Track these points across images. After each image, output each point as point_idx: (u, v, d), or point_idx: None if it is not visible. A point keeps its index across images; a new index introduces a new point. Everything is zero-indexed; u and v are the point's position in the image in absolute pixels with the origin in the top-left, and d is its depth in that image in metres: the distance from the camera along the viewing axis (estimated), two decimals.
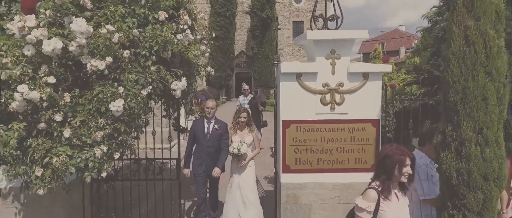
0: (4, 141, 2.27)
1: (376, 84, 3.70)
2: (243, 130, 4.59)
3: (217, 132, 4.58)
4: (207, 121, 4.59)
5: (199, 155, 4.60)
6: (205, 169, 4.57)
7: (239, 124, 4.57)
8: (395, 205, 2.39)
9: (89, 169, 2.44)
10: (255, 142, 4.66)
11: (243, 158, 4.42)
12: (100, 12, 2.79)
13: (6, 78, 2.26)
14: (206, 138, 4.55)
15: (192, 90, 4.41)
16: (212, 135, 4.56)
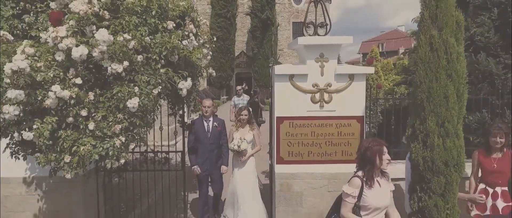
0: (40, 132, 2.70)
1: (360, 84, 4.13)
2: (245, 127, 4.86)
3: (217, 129, 4.84)
4: (205, 120, 4.83)
5: (202, 153, 4.81)
6: (207, 167, 4.81)
7: (241, 121, 4.84)
8: (377, 191, 2.77)
9: (109, 157, 2.87)
10: (256, 139, 4.90)
11: (243, 154, 4.73)
12: (116, 21, 3.22)
13: (40, 79, 2.69)
14: (207, 136, 4.79)
15: (195, 90, 4.83)
16: (213, 132, 4.81)
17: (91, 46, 2.87)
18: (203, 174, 4.85)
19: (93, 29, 3.06)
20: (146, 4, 3.31)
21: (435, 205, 2.91)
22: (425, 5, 2.91)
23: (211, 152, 4.81)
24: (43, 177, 4.09)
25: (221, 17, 26.51)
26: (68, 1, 3.14)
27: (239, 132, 4.84)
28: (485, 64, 4.98)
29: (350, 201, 2.74)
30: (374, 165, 2.74)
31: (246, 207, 4.72)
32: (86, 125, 2.84)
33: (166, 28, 3.43)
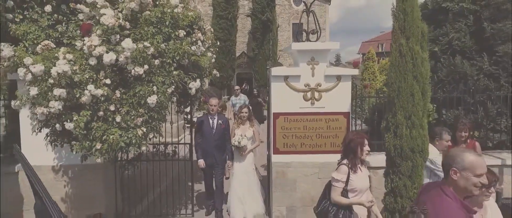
0: (77, 123, 3.28)
1: (347, 84, 4.71)
2: (245, 124, 5.29)
3: (221, 127, 5.20)
4: (211, 117, 5.20)
5: (207, 148, 5.17)
6: (211, 161, 5.19)
7: (241, 119, 5.28)
8: (360, 176, 3.32)
9: (132, 144, 3.46)
10: (256, 136, 5.35)
11: (243, 150, 5.19)
12: (136, 31, 3.80)
13: (77, 80, 3.27)
14: (212, 132, 5.15)
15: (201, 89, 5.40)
16: (217, 129, 5.17)
17: (117, 52, 3.46)
18: (207, 167, 5.25)
19: (117, 38, 3.64)
20: (160, 16, 3.88)
21: (404, 185, 3.49)
22: (395, 18, 3.49)
23: (215, 147, 5.17)
24: (69, 165, 4.69)
25: (222, 18, 27.03)
26: (94, 14, 3.73)
27: (240, 129, 5.25)
28: (461, 66, 5.55)
29: (339, 185, 3.24)
30: (356, 154, 3.25)
31: (245, 197, 5.20)
32: (114, 118, 3.43)
33: (178, 36, 4.01)
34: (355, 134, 3.38)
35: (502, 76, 5.30)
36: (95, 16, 3.73)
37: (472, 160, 1.92)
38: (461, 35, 5.67)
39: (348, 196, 3.24)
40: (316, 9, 33.03)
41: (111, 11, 3.56)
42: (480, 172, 1.89)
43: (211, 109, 5.20)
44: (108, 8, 3.61)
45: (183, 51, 3.91)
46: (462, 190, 1.94)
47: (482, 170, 1.90)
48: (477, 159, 1.94)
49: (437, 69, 5.86)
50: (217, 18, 27.18)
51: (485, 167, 1.94)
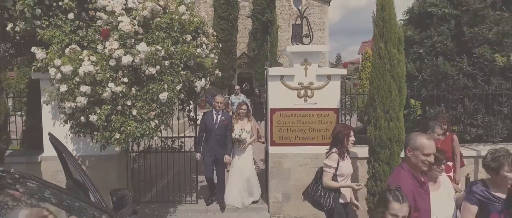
0: (99, 116, 3.81)
1: (336, 83, 5.22)
2: (243, 120, 5.69)
3: (224, 123, 5.51)
4: (216, 113, 5.52)
5: (209, 142, 5.49)
6: (213, 153, 5.49)
7: (240, 115, 5.69)
8: (347, 163, 3.82)
9: (146, 135, 3.97)
10: (253, 130, 5.77)
11: (243, 143, 5.61)
12: (148, 35, 4.32)
13: (99, 79, 3.79)
14: (214, 127, 5.45)
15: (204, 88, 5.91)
16: (220, 125, 5.47)
17: (133, 54, 3.97)
18: (209, 160, 5.56)
19: (132, 42, 4.16)
20: (169, 22, 4.39)
21: (383, 170, 4.00)
22: (375, 25, 4.01)
23: (217, 142, 5.49)
24: (86, 155, 5.21)
25: (223, 19, 27.53)
26: (112, 20, 4.25)
27: (239, 124, 5.65)
28: (443, 66, 6.06)
29: (330, 171, 3.73)
30: (343, 144, 3.75)
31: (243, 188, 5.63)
32: (130, 112, 3.95)
33: (185, 40, 4.52)
34: (343, 126, 3.89)
35: (479, 76, 5.81)
36: (112, 22, 4.25)
37: (422, 142, 2.43)
38: (444, 38, 6.17)
39: (338, 180, 3.74)
40: (316, 10, 33.57)
41: (127, 19, 4.08)
42: (427, 152, 2.39)
43: (217, 106, 5.53)
44: (125, 16, 4.13)
45: (190, 54, 4.42)
46: (414, 166, 2.45)
47: (429, 150, 2.40)
48: (427, 141, 2.44)
49: (422, 69, 6.36)
50: (218, 19, 27.70)
51: (433, 148, 2.44)
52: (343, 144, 3.72)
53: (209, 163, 5.62)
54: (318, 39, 33.66)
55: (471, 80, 5.84)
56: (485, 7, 5.81)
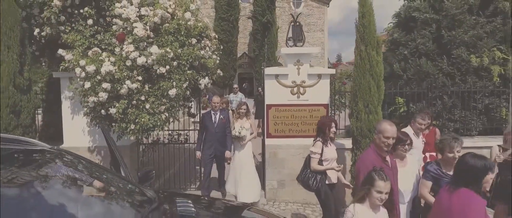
0: (117, 110, 4.40)
1: (326, 81, 5.79)
2: (243, 118, 6.08)
3: (222, 121, 5.84)
4: (214, 113, 5.86)
5: (209, 140, 5.79)
6: (213, 151, 5.80)
7: (240, 114, 6.07)
8: (331, 149, 4.40)
9: (158, 126, 4.57)
10: (253, 127, 6.19)
11: (243, 139, 6.00)
12: (158, 39, 4.90)
13: (118, 77, 4.39)
14: (214, 126, 5.79)
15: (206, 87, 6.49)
16: (219, 123, 5.81)
17: (146, 56, 4.57)
18: (209, 156, 5.85)
19: (144, 45, 4.75)
20: (177, 27, 4.98)
21: None
22: (357, 30, 4.59)
23: (217, 140, 5.79)
24: (101, 146, 5.80)
25: (224, 20, 28.13)
26: (126, 25, 4.84)
27: (239, 122, 5.91)
28: (425, 66, 6.64)
29: (316, 157, 4.33)
30: (325, 133, 4.37)
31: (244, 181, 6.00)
32: (144, 106, 4.55)
33: (191, 43, 5.11)
34: (326, 118, 4.49)
35: (456, 75, 6.39)
36: (126, 28, 4.84)
37: (384, 127, 3.01)
38: (426, 40, 6.77)
39: (323, 164, 4.33)
40: (315, 11, 34.14)
41: (141, 25, 4.68)
42: (387, 135, 2.98)
43: (214, 106, 5.92)
44: (138, 22, 4.73)
45: (195, 55, 5.01)
46: (378, 146, 3.04)
47: (388, 134, 2.99)
48: (388, 127, 3.03)
49: (407, 69, 6.95)
50: (219, 20, 28.30)
51: (392, 133, 3.02)
52: (325, 133, 4.32)
53: (208, 159, 5.93)
54: (318, 39, 34.26)
55: (450, 79, 6.42)
56: (462, 12, 6.39)
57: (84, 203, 2.39)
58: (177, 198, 2.86)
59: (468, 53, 6.28)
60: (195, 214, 2.57)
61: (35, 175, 2.36)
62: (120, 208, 2.56)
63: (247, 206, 3.30)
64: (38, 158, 2.56)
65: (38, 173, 2.40)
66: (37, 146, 2.74)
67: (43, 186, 2.30)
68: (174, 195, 3.08)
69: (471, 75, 6.33)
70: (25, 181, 2.23)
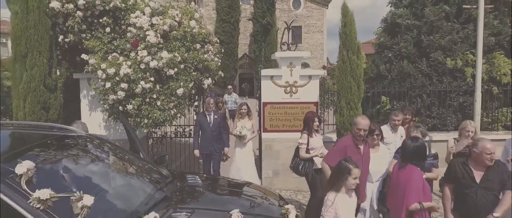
0: (133, 106, 5.11)
1: (316, 82, 6.49)
2: (244, 118, 6.59)
3: (217, 121, 6.16)
4: (208, 114, 6.17)
5: (206, 139, 6.11)
6: (210, 149, 6.10)
7: (241, 114, 6.59)
8: (315, 139, 5.06)
9: (167, 120, 5.28)
10: (254, 127, 6.72)
11: (244, 138, 6.29)
12: (167, 44, 5.61)
13: (133, 78, 5.10)
14: (209, 126, 6.10)
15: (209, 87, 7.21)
16: (214, 123, 6.12)
17: (157, 60, 5.28)
18: (205, 154, 6.16)
19: (155, 50, 5.46)
20: (183, 34, 5.70)
21: None
22: (340, 37, 5.30)
23: (213, 139, 6.10)
24: (116, 140, 6.47)
25: (225, 22, 28.89)
26: (139, 33, 5.55)
27: (241, 122, 6.31)
28: (407, 68, 7.34)
29: (303, 147, 5.04)
30: (310, 126, 5.06)
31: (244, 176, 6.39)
32: (156, 103, 5.27)
33: (195, 48, 5.82)
34: (310, 113, 5.19)
35: (434, 76, 7.09)
36: (140, 35, 5.55)
37: (357, 120, 3.71)
38: (408, 44, 7.46)
39: (310, 152, 5.03)
40: (314, 12, 34.82)
41: (152, 33, 5.39)
42: (358, 127, 3.66)
43: (207, 107, 6.26)
44: (150, 30, 5.44)
45: (199, 59, 5.72)
46: (354, 135, 3.73)
47: (360, 126, 3.67)
48: (360, 120, 3.72)
49: (391, 70, 7.65)
50: (221, 22, 29.08)
51: (364, 125, 3.70)
52: (310, 126, 5.02)
53: (206, 156, 6.25)
54: (317, 40, 34.97)
55: (428, 79, 7.12)
56: (440, 19, 7.09)
57: (115, 176, 3.11)
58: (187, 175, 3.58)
59: (444, 56, 6.97)
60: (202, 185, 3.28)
61: (78, 153, 3.08)
62: (142, 181, 3.27)
63: (247, 183, 3.98)
64: (80, 141, 3.29)
65: (80, 151, 3.13)
66: (77, 132, 3.47)
67: (84, 160, 3.02)
68: (185, 173, 3.79)
69: (447, 76, 7.02)
70: (72, 156, 2.95)
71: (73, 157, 2.94)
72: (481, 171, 3.31)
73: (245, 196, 3.36)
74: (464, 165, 3.39)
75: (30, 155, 2.53)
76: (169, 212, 2.59)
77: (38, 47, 5.09)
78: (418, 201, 3.00)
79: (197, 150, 6.24)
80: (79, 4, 5.34)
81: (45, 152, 2.75)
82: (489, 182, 3.28)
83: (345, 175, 2.98)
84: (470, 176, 3.33)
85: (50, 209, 2.13)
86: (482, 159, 3.24)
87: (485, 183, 3.28)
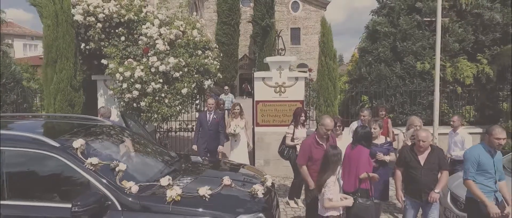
0: (145, 103, 6.11)
1: (302, 82, 7.44)
2: (237, 117, 6.68)
3: (215, 121, 6.56)
4: (208, 113, 6.57)
5: (204, 136, 6.55)
6: (207, 146, 6.52)
7: (234, 114, 6.72)
8: (300, 131, 6.01)
9: (174, 115, 6.28)
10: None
11: (237, 137, 6.68)
12: (173, 51, 6.61)
13: (145, 80, 6.09)
14: (208, 124, 6.52)
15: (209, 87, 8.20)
16: (212, 122, 6.52)
17: (165, 65, 6.28)
18: (203, 150, 6.55)
19: (163, 56, 6.45)
20: (187, 42, 6.70)
21: None
22: (319, 45, 6.28)
23: (210, 136, 6.52)
24: None
25: (226, 24, 29.86)
26: (149, 41, 6.55)
27: (234, 121, 6.65)
28: (384, 71, 8.31)
29: (289, 136, 5.99)
30: (297, 119, 6.04)
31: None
32: (164, 101, 6.27)
33: (197, 54, 6.82)
34: (299, 109, 6.16)
35: (406, 77, 8.06)
36: (149, 43, 6.55)
37: (325, 121, 4.63)
38: (385, 49, 8.43)
39: (294, 141, 6.00)
40: (312, 14, 35.76)
41: (161, 41, 6.39)
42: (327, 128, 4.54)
43: (209, 107, 6.65)
44: (159, 39, 6.44)
45: (200, 63, 6.72)
46: (319, 134, 4.64)
47: (327, 126, 4.61)
48: (326, 120, 4.63)
49: (371, 72, 8.62)
50: (221, 24, 30.06)
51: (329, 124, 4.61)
52: (297, 119, 5.99)
53: (204, 152, 6.57)
54: (315, 42, 35.88)
55: (401, 80, 8.09)
56: (412, 27, 8.06)
57: (137, 154, 4.11)
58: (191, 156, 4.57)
59: (415, 60, 7.95)
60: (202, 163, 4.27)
61: (109, 136, 4.08)
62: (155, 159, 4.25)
63: (243, 165, 4.92)
64: (109, 128, 4.29)
65: (108, 135, 4.13)
66: (105, 122, 4.48)
67: (114, 141, 4.02)
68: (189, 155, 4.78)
69: (417, 78, 7.99)
70: (105, 138, 3.95)
71: (106, 138, 3.95)
72: (424, 155, 4.17)
73: (236, 170, 4.36)
74: (411, 151, 4.27)
75: (78, 135, 3.53)
76: (178, 177, 3.58)
77: (65, 54, 6.11)
78: (365, 172, 3.98)
79: (195, 145, 6.73)
80: (99, 17, 6.35)
81: (87, 134, 3.75)
82: (431, 164, 4.12)
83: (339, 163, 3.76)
84: (416, 160, 4.15)
85: (98, 171, 3.13)
86: (419, 145, 4.13)
87: (427, 165, 4.11)
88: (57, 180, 3.23)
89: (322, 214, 3.79)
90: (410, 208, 4.23)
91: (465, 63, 7.76)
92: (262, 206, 3.37)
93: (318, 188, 3.80)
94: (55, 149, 3.14)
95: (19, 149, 3.15)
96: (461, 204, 4.49)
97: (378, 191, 4.75)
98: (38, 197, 3.13)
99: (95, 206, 2.88)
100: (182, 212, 3.05)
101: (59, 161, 3.10)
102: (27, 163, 3.19)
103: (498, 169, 3.89)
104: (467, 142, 5.40)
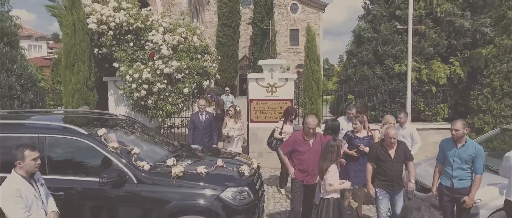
0: (152, 101, 6.97)
1: (291, 83, 8.30)
2: (233, 119, 6.94)
3: (208, 120, 6.86)
4: (200, 113, 6.80)
5: (198, 136, 6.78)
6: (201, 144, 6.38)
7: (230, 115, 6.96)
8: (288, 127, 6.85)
9: (177, 112, 7.14)
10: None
11: (232, 138, 6.85)
12: (176, 55, 7.47)
13: (152, 80, 6.95)
14: (201, 124, 6.78)
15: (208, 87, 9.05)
16: (205, 122, 6.80)
17: (169, 67, 7.14)
18: None
19: (167, 59, 7.32)
20: (188, 47, 7.57)
21: None
22: (305, 49, 7.12)
23: (204, 135, 6.80)
24: None
25: (227, 26, 30.70)
26: (155, 46, 7.42)
27: (230, 122, 6.94)
28: (367, 72, 9.15)
29: (278, 129, 6.82)
30: (287, 116, 6.89)
31: None
32: (167, 99, 7.13)
33: (197, 57, 7.69)
34: (290, 107, 7.01)
35: (386, 78, 8.91)
36: (155, 48, 7.42)
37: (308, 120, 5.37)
38: (368, 53, 9.26)
39: (282, 135, 6.85)
40: (311, 16, 36.60)
41: (165, 47, 7.26)
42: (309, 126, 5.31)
43: (200, 108, 6.90)
44: (163, 44, 7.31)
45: (200, 66, 7.58)
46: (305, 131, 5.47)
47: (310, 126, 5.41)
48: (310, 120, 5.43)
49: (356, 73, 9.46)
50: (222, 26, 30.92)
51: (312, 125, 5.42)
52: (286, 116, 6.84)
53: None
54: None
55: (381, 81, 8.93)
56: (391, 33, 8.90)
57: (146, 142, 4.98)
58: (192, 145, 5.44)
59: (394, 63, 8.79)
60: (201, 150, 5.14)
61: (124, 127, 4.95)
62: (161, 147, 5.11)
63: (238, 153, 5.75)
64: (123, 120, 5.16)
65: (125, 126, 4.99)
66: (119, 116, 5.35)
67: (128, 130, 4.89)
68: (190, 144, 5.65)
69: (395, 79, 8.83)
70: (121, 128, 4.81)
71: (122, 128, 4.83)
72: (393, 150, 4.70)
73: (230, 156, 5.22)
74: (381, 147, 4.79)
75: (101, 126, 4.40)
76: (180, 160, 4.45)
77: (82, 58, 6.98)
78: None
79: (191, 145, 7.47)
80: (111, 25, 7.23)
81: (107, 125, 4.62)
82: (399, 157, 4.69)
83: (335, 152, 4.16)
84: (387, 154, 4.67)
85: (118, 153, 3.99)
86: (388, 141, 4.70)
87: (396, 158, 4.68)
88: (85, 159, 4.11)
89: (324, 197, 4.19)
90: (383, 198, 4.65)
91: (439, 65, 8.60)
92: (247, 182, 4.24)
93: (320, 174, 4.20)
94: (84, 135, 4.02)
95: (57, 136, 4.03)
96: (418, 186, 5.30)
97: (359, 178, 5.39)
98: (71, 172, 4.02)
99: (117, 178, 3.75)
100: (184, 185, 3.92)
101: (87, 144, 3.98)
102: (62, 147, 4.07)
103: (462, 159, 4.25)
104: (415, 135, 6.00)
